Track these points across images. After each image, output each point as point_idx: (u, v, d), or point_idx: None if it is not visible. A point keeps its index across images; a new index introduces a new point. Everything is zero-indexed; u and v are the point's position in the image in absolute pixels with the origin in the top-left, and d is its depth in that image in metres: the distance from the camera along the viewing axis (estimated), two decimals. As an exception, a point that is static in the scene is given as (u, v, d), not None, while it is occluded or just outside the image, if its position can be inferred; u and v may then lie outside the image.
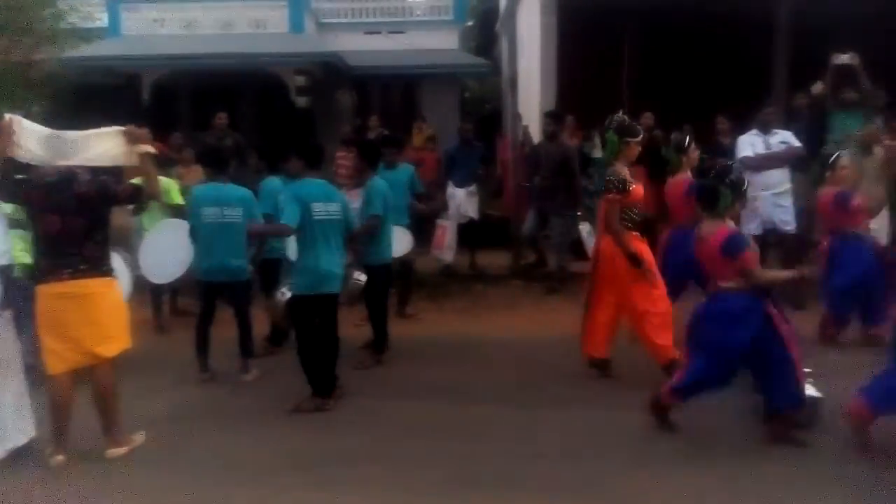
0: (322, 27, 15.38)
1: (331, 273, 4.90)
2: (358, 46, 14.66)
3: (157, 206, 6.71)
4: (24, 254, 5.12)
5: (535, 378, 5.46)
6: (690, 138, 6.05)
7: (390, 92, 15.63)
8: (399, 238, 6.19)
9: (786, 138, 7.36)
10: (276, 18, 14.02)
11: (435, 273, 8.40)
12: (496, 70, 16.37)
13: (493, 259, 8.78)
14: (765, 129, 7.37)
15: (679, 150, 5.95)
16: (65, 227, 3.94)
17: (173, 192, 6.86)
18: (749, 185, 4.49)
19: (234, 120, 10.44)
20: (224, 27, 13.98)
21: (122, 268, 4.83)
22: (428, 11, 16.14)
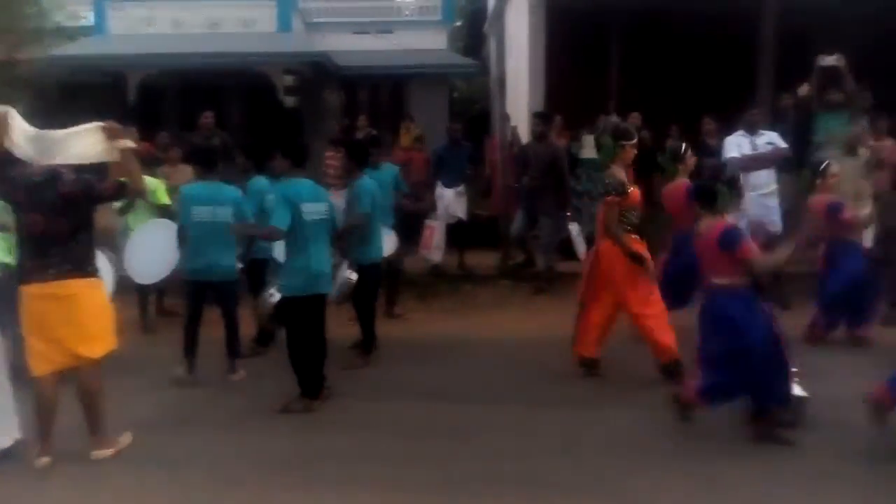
0: (310, 27, 15.34)
1: (322, 273, 4.91)
2: (346, 46, 14.63)
3: (143, 206, 6.70)
4: (4, 253, 5.09)
5: (524, 378, 5.47)
6: (687, 146, 6.10)
7: (379, 92, 15.61)
8: (384, 239, 6.18)
9: (772, 139, 7.41)
10: (264, 18, 13.96)
11: (423, 273, 8.40)
12: (484, 70, 16.38)
13: (481, 259, 8.79)
14: (751, 129, 7.41)
15: (675, 158, 6.00)
16: (49, 228, 3.91)
17: (160, 192, 6.82)
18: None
19: (222, 120, 10.39)
20: (211, 26, 13.90)
21: (105, 268, 4.79)
22: (416, 12, 16.14)
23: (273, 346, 5.96)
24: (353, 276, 5.38)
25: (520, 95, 10.25)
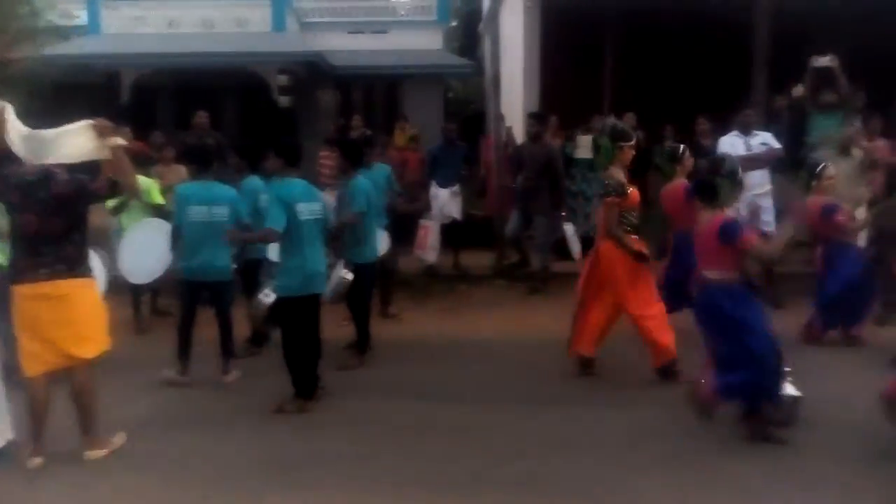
0: (304, 26, 15.32)
1: (317, 273, 4.91)
2: (341, 46, 14.62)
3: (137, 206, 6.68)
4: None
5: (519, 378, 5.47)
6: (685, 147, 6.11)
7: (373, 92, 15.60)
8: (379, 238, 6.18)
9: (766, 139, 7.44)
10: (258, 17, 13.94)
11: (418, 273, 8.39)
12: (479, 70, 16.40)
13: (476, 259, 8.79)
14: (745, 130, 7.44)
15: (673, 160, 6.01)
16: (42, 227, 3.89)
17: (154, 191, 6.80)
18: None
19: (216, 119, 10.36)
20: (205, 26, 13.87)
21: (98, 267, 4.76)
22: (411, 11, 16.15)
23: (267, 347, 5.94)
24: (349, 276, 5.38)
25: (515, 96, 10.25)
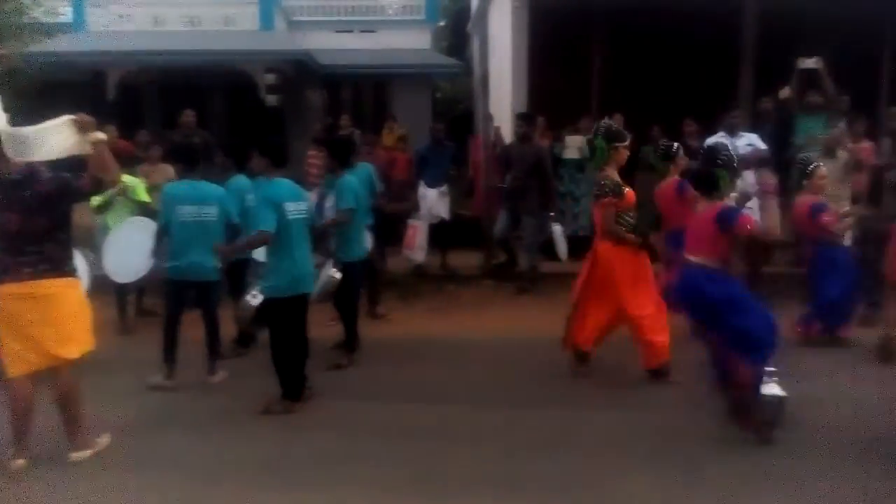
0: (292, 25, 15.27)
1: (306, 273, 4.89)
2: (329, 45, 14.57)
3: (122, 205, 6.63)
4: None
5: (507, 378, 5.47)
6: (678, 145, 6.13)
7: (361, 91, 15.56)
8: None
9: (752, 141, 7.49)
10: (246, 15, 13.88)
11: (406, 273, 8.38)
12: (468, 70, 16.41)
13: (464, 259, 8.79)
14: (731, 131, 7.49)
15: (667, 158, 6.03)
16: (25, 226, 3.84)
17: (139, 190, 6.75)
18: None
19: (203, 118, 10.29)
20: (192, 23, 13.79)
21: (81, 267, 4.71)
22: (400, 11, 16.12)
23: (254, 348, 5.91)
24: (338, 275, 5.36)
25: (503, 96, 10.25)
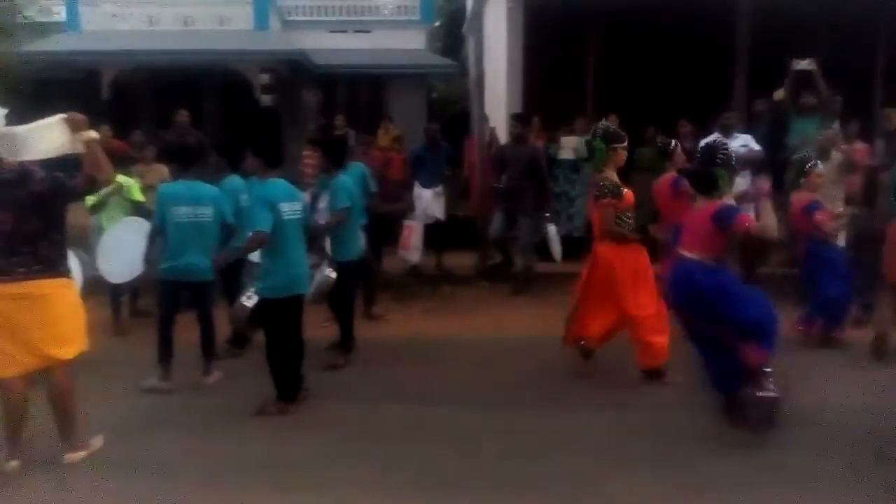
0: (287, 25, 15.26)
1: (302, 273, 4.88)
2: (324, 45, 14.57)
3: (116, 205, 6.60)
4: None
5: (502, 379, 5.47)
6: (676, 142, 6.12)
7: (357, 91, 15.55)
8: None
9: (746, 142, 7.51)
10: (240, 15, 13.87)
11: (402, 274, 8.38)
12: (463, 71, 16.36)
13: (459, 260, 8.79)
14: (726, 132, 7.50)
15: (664, 154, 6.02)
16: (19, 226, 3.83)
17: (134, 189, 6.73)
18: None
19: (197, 118, 10.28)
20: (186, 23, 13.77)
21: (75, 267, 4.69)
22: (395, 11, 16.12)
23: (248, 348, 5.89)
24: (333, 275, 5.34)
25: (498, 96, 10.25)
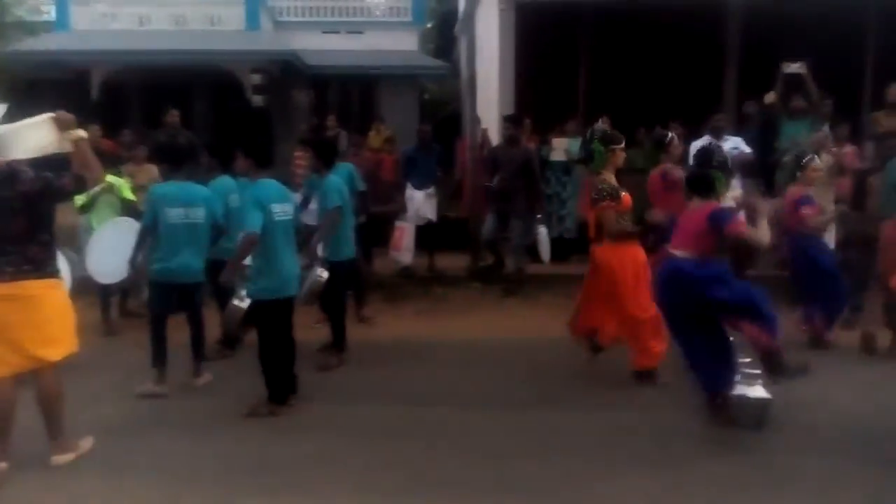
0: (278, 25, 15.23)
1: (294, 274, 4.87)
2: (315, 46, 14.55)
3: (106, 204, 6.57)
4: None
5: (494, 380, 5.46)
6: (673, 135, 6.11)
7: (348, 92, 15.55)
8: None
9: (737, 144, 7.55)
10: (232, 15, 13.83)
11: (393, 275, 8.37)
12: (455, 72, 16.41)
13: (451, 261, 8.78)
14: (716, 135, 7.54)
15: (659, 146, 6.03)
16: (6, 226, 3.79)
17: (124, 190, 6.69)
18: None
19: (188, 118, 10.24)
20: (177, 23, 13.72)
21: (64, 267, 4.66)
22: (387, 12, 16.14)
23: (239, 349, 5.87)
24: (324, 276, 5.32)
25: (490, 98, 10.26)
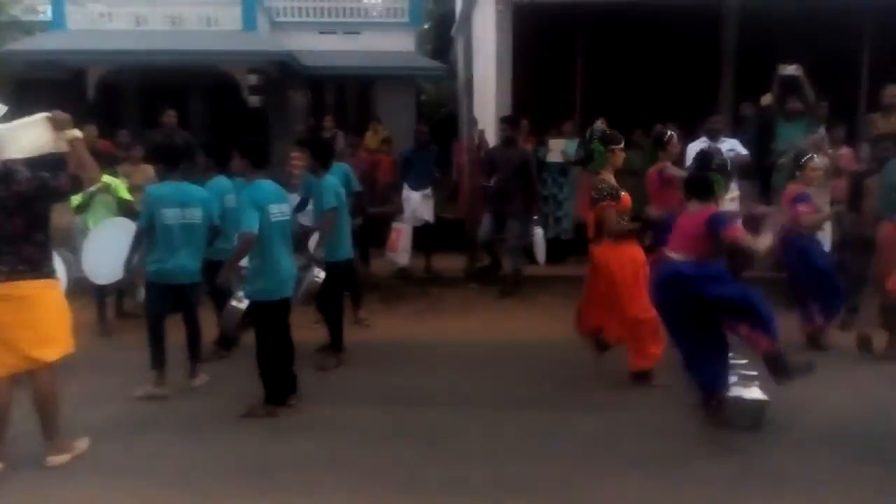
0: (275, 26, 15.21)
1: (291, 275, 4.87)
2: (312, 46, 14.55)
3: (102, 205, 6.55)
4: None
5: (490, 381, 5.46)
6: (671, 133, 6.12)
7: (345, 93, 15.54)
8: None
9: (733, 146, 7.55)
10: (228, 16, 13.81)
11: (390, 276, 8.37)
12: (452, 73, 16.43)
13: (448, 262, 8.78)
14: (713, 136, 7.55)
15: (658, 144, 6.04)
16: (2, 227, 3.78)
17: (120, 190, 6.68)
18: None
19: (185, 118, 10.22)
20: (174, 23, 13.70)
21: (60, 268, 4.64)
22: (384, 13, 16.13)
23: (235, 350, 5.86)
24: (321, 276, 5.32)
25: (487, 99, 10.27)
